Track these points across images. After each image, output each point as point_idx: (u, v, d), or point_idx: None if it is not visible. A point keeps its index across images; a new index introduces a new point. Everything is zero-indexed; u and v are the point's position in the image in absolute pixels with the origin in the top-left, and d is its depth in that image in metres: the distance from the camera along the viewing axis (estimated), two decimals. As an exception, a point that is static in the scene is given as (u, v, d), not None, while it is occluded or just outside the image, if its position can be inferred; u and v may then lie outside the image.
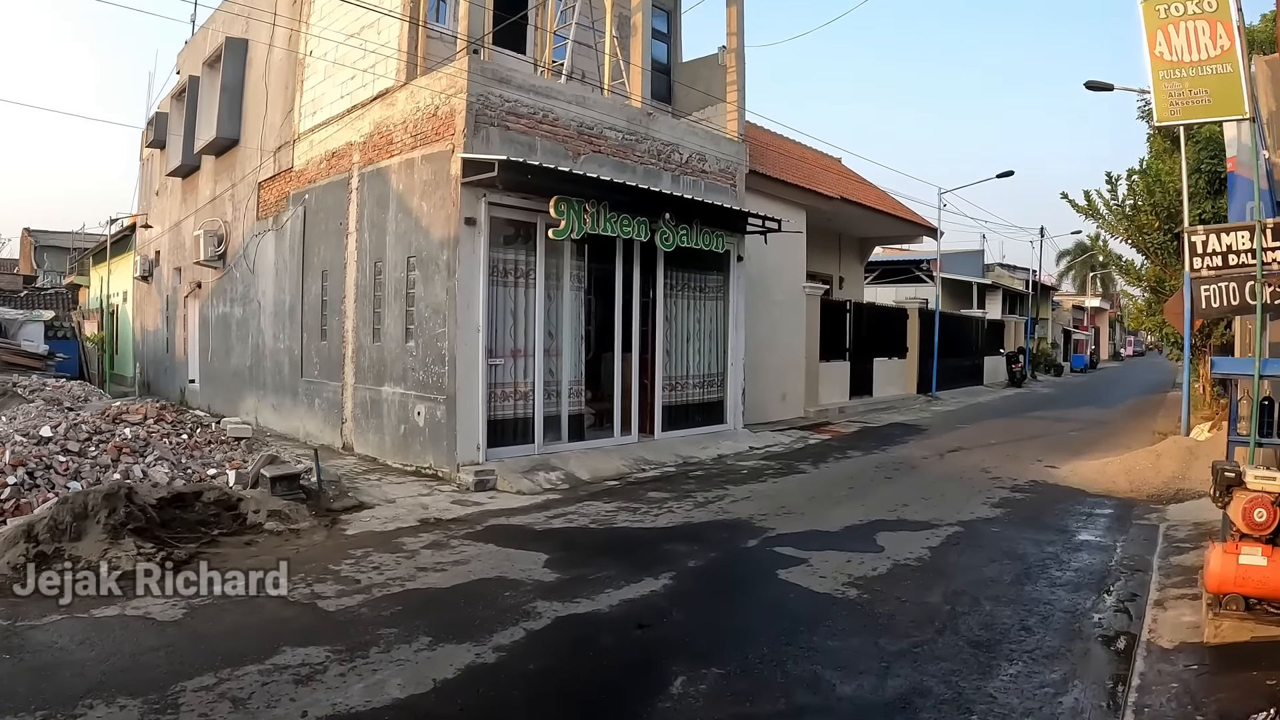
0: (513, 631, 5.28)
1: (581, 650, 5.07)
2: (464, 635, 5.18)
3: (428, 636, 5.16)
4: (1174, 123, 10.77)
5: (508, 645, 5.08)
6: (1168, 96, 10.09)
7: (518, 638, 5.20)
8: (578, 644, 5.15)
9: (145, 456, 9.39)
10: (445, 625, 5.36)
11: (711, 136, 13.87)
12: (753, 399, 15.50)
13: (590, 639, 5.22)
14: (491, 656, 4.91)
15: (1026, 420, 18.79)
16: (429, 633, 5.21)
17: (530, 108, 10.90)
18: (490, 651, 4.97)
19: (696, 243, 12.48)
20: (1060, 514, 9.09)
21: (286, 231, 14.50)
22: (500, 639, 5.16)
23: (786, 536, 7.74)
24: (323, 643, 5.03)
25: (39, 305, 25.43)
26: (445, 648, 5.01)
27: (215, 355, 17.78)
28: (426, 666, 4.74)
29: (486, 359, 10.55)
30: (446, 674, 4.65)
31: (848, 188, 20.40)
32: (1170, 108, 10.12)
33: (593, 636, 5.26)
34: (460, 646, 5.02)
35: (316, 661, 4.77)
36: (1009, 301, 40.82)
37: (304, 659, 4.80)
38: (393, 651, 4.93)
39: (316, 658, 4.82)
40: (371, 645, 5.01)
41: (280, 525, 7.97)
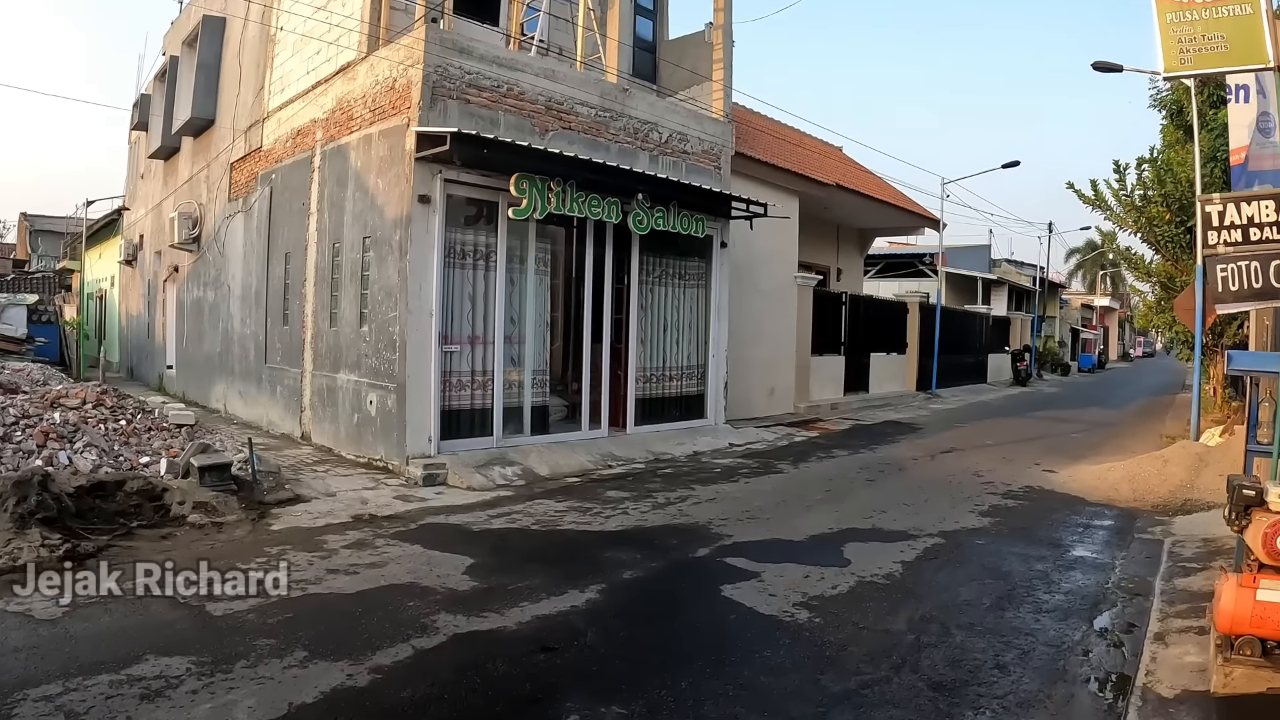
0: (399, 650, 4.67)
1: (469, 676, 4.40)
2: (344, 651, 4.59)
3: (305, 651, 4.59)
4: (1184, 73, 9.48)
5: (388, 666, 4.47)
6: (1177, 43, 8.93)
7: (403, 657, 4.58)
8: (467, 668, 4.48)
9: (74, 442, 8.87)
10: (329, 638, 4.77)
11: (694, 115, 13.18)
12: (738, 393, 14.84)
13: (483, 663, 4.55)
14: (365, 679, 4.30)
15: (1027, 420, 17.99)
16: (308, 646, 4.64)
17: (494, 80, 10.26)
18: (365, 673, 4.37)
19: (674, 226, 11.81)
20: (1054, 525, 8.27)
21: (255, 213, 13.95)
22: (382, 658, 4.55)
23: (743, 545, 7.01)
24: (190, 653, 4.50)
25: (25, 289, 25.10)
26: (318, 665, 4.43)
27: (190, 341, 17.29)
28: (289, 687, 4.16)
29: (441, 345, 9.93)
30: (306, 697, 4.06)
31: (845, 175, 19.67)
32: (1180, 55, 8.92)
33: (488, 660, 4.59)
34: (335, 665, 4.43)
35: (174, 674, 4.26)
36: (1015, 298, 39.78)
37: (162, 670, 4.29)
38: (260, 667, 4.37)
39: (176, 670, 4.30)
40: (241, 658, 4.46)
41: (204, 518, 7.43)
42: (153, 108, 19.25)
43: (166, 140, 18.10)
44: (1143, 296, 20.32)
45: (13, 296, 21.33)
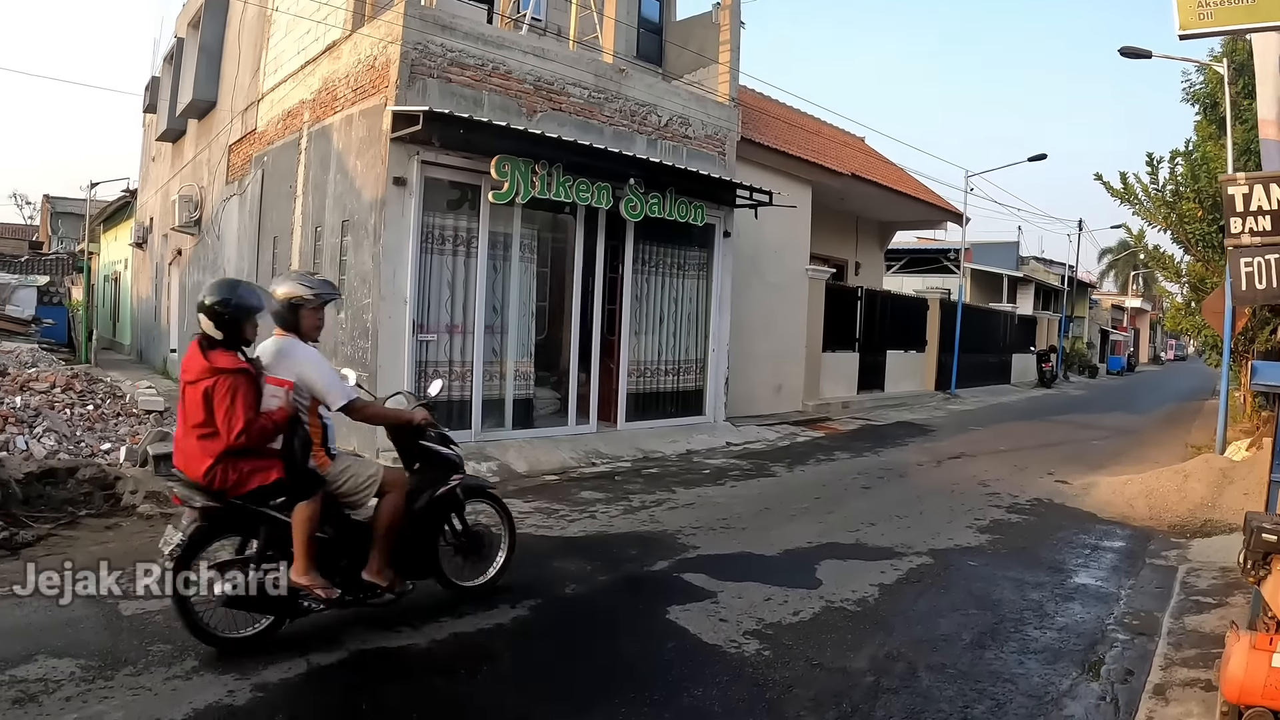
0: (293, 665, 4.24)
1: (356, 699, 3.97)
2: (235, 664, 4.19)
3: (196, 660, 4.22)
4: (1204, 30, 8.39)
5: (274, 683, 4.05)
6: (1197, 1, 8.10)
7: (294, 673, 4.17)
8: (358, 690, 4.05)
9: (34, 428, 8.62)
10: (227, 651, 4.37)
11: (697, 99, 12.65)
12: (742, 390, 14.32)
13: (377, 686, 4.11)
14: (245, 697, 3.90)
15: (1047, 425, 17.21)
16: (201, 655, 4.27)
17: (478, 59, 9.81)
18: (248, 690, 3.96)
19: (671, 213, 11.29)
20: (1059, 545, 7.50)
21: (247, 196, 13.67)
22: (273, 673, 4.13)
23: (707, 559, 6.44)
24: (83, 655, 4.22)
25: (38, 271, 25.15)
26: (203, 678, 4.06)
27: (190, 325, 17.01)
28: (163, 701, 3.80)
29: (416, 334, 9.53)
30: (175, 714, 3.69)
31: (864, 165, 18.99)
32: (1199, 10, 8.06)
33: (383, 682, 4.15)
34: (221, 678, 4.05)
35: (56, 678, 3.98)
36: (1043, 297, 38.60)
37: (47, 673, 4.02)
38: (143, 676, 4.04)
39: (60, 673, 4.02)
40: (129, 664, 4.14)
41: (154, 509, 7.11)
42: (161, 90, 19.12)
43: (172, 123, 17.93)
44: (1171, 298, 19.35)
45: (23, 278, 21.36)
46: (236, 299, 4.30)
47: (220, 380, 4.19)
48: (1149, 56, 13.68)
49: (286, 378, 4.45)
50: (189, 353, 4.38)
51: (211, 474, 4.23)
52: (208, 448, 4.23)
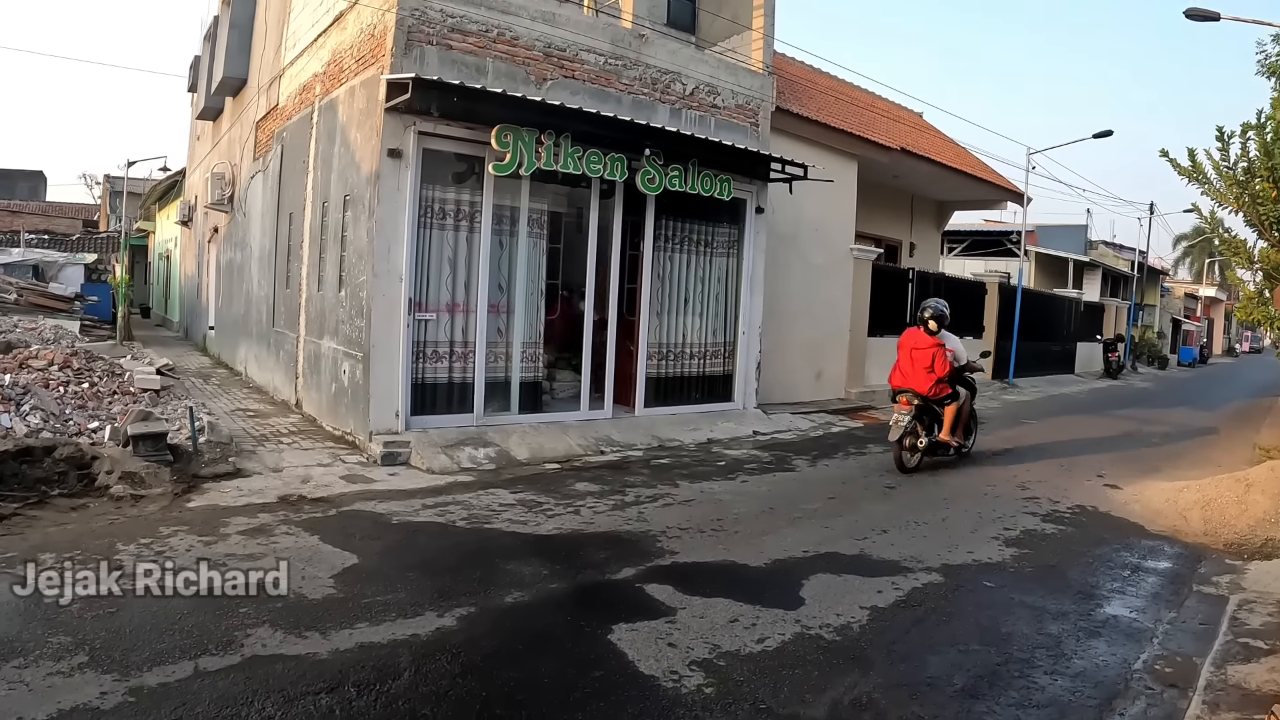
0: (179, 669, 3.90)
1: (223, 713, 3.53)
2: (125, 663, 3.93)
3: (86, 656, 3.97)
4: None
5: (151, 688, 3.72)
6: None
7: (175, 679, 3.81)
8: (230, 703, 3.60)
9: (21, 405, 8.41)
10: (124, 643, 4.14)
11: (727, 66, 11.92)
12: (778, 375, 13.64)
13: (254, 700, 3.63)
14: (115, 700, 3.60)
15: (1107, 419, 15.99)
16: (95, 651, 4.03)
17: (480, 24, 9.27)
18: (122, 694, 3.66)
19: (693, 186, 10.62)
20: (1094, 564, 6.50)
21: (270, 172, 13.41)
22: (155, 676, 3.82)
23: (680, 568, 5.79)
24: None
25: (89, 249, 25.56)
26: (83, 676, 3.80)
27: (224, 302, 17.05)
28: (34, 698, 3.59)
29: (412, 312, 9.07)
30: (39, 714, 3.43)
31: (916, 140, 17.98)
32: None
33: (262, 697, 3.67)
34: (101, 678, 3.78)
35: None
36: (1111, 284, 36.76)
37: None
38: (29, 669, 3.83)
39: None
40: (21, 655, 3.96)
41: (127, 490, 6.91)
42: (200, 69, 19.02)
43: (210, 101, 17.86)
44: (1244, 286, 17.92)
45: (72, 256, 21.62)
46: (942, 311, 9.67)
47: (939, 349, 9.52)
48: (1217, 19, 12.50)
49: (952, 348, 9.69)
50: (915, 332, 9.72)
51: (929, 390, 9.46)
52: (928, 379, 9.45)
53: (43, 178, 49.85)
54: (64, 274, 20.22)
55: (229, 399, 12.14)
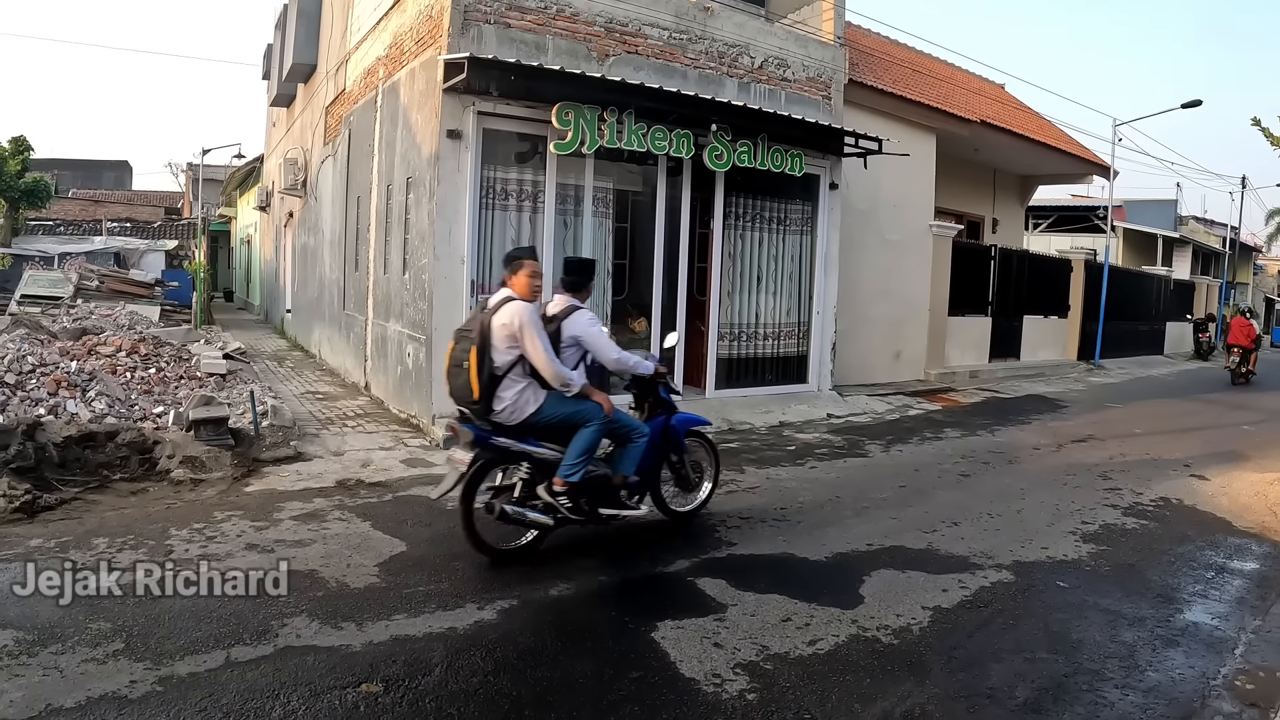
0: (212, 658, 3.87)
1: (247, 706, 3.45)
2: (160, 651, 3.91)
3: (122, 644, 3.98)
4: None
5: (181, 678, 3.68)
6: None
7: (206, 668, 3.78)
8: (255, 696, 3.52)
9: (87, 392, 8.57)
10: (160, 632, 4.11)
11: (797, 38, 11.51)
12: (855, 356, 13.24)
13: (280, 694, 3.54)
14: (144, 689, 3.59)
15: (1196, 403, 15.19)
16: (131, 639, 4.03)
17: (540, 1, 9.08)
18: (151, 682, 3.64)
19: (763, 162, 10.29)
20: (1176, 564, 6.03)
21: (338, 156, 13.48)
22: (187, 665, 3.80)
23: (737, 560, 5.53)
24: (26, 628, 4.07)
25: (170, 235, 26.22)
26: (118, 663, 3.80)
27: (299, 285, 17.30)
28: (66, 685, 3.59)
29: (475, 294, 8.94)
30: (67, 702, 3.45)
31: (997, 113, 17.22)
32: None
33: (289, 690, 3.57)
34: (135, 665, 3.78)
35: None
36: (1202, 261, 35.06)
37: None
38: (65, 655, 3.84)
39: None
40: (59, 641, 3.98)
41: (187, 474, 6.97)
42: (273, 56, 19.27)
43: (282, 88, 18.09)
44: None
45: (153, 243, 22.21)
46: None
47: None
48: None
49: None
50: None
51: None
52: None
53: (128, 167, 51.53)
54: (145, 260, 20.78)
55: (301, 381, 12.27)
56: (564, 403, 5.22)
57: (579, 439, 5.20)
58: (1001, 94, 20.04)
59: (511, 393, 5.08)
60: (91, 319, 12.85)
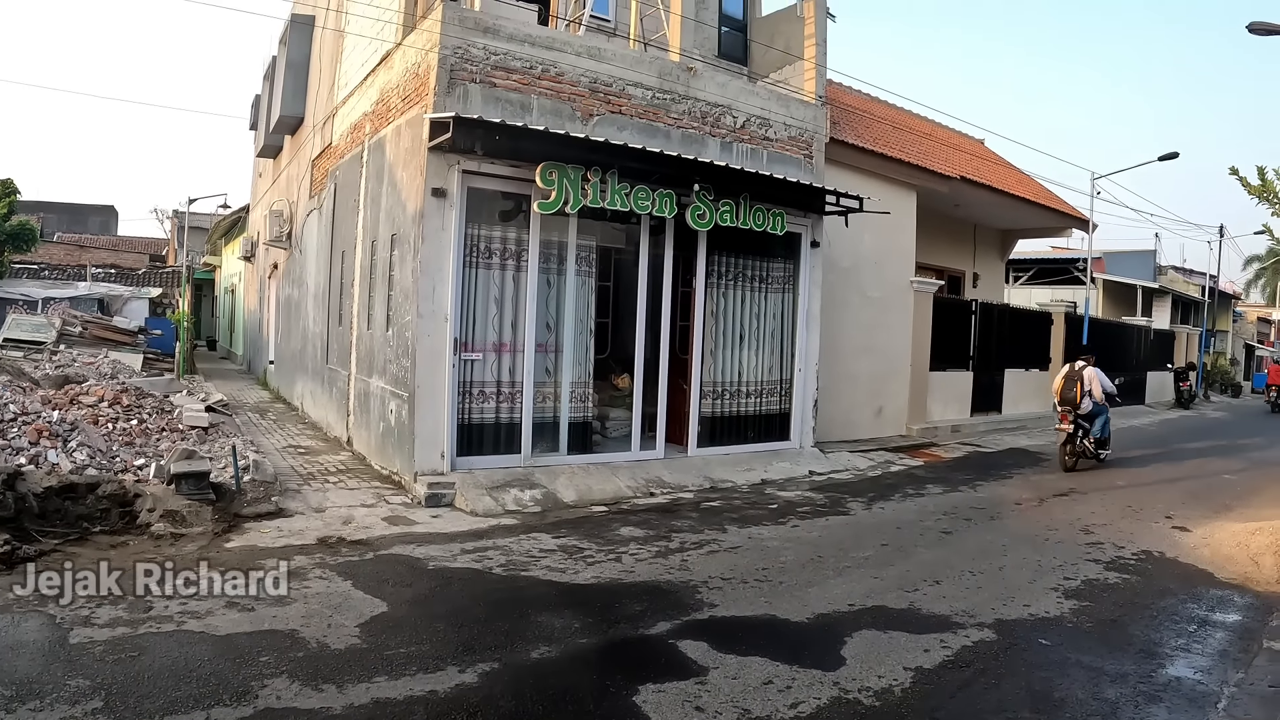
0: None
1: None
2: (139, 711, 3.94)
3: (101, 702, 3.98)
4: None
5: None
6: None
7: None
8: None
9: (69, 442, 8.53)
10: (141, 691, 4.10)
11: (779, 98, 11.71)
12: (837, 413, 13.28)
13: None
14: None
15: (1179, 453, 15.34)
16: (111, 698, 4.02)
17: (525, 61, 9.22)
18: None
19: (745, 221, 10.38)
20: (1159, 618, 6.09)
21: (324, 210, 13.56)
22: None
23: (719, 623, 5.51)
24: (4, 682, 4.10)
25: (154, 283, 26.20)
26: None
27: (283, 337, 17.26)
28: None
29: (458, 353, 8.98)
30: None
31: (976, 168, 17.51)
32: None
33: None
34: None
35: None
36: (1181, 310, 35.55)
37: None
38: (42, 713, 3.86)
39: None
40: (38, 698, 4.01)
41: (167, 528, 6.94)
42: (261, 107, 19.44)
43: (269, 139, 18.20)
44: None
45: (137, 290, 22.18)
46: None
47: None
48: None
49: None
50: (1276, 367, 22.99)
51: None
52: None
53: (114, 212, 51.63)
54: (129, 307, 20.76)
55: (283, 435, 12.21)
56: (1097, 405, 12.47)
57: (1100, 420, 12.75)
58: (981, 149, 20.38)
59: (1087, 401, 12.35)
60: (74, 366, 12.82)
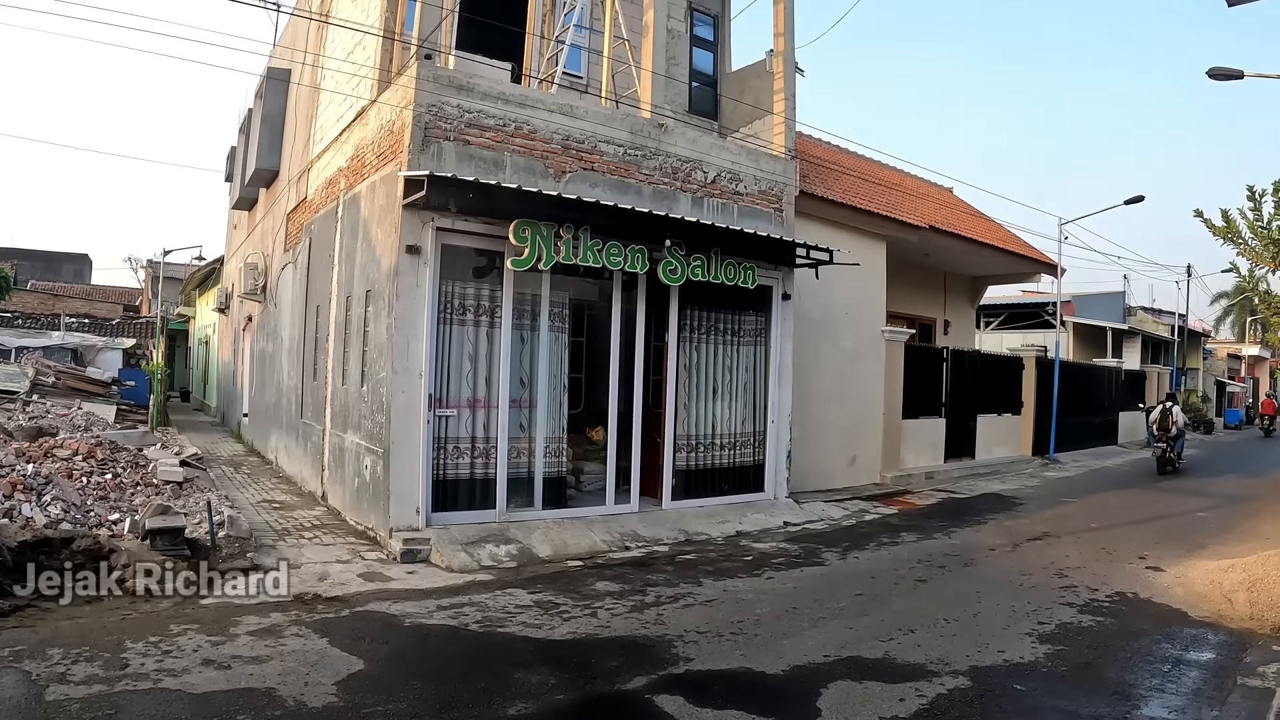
0: None
1: None
2: None
3: None
4: None
5: None
6: None
7: None
8: None
9: (43, 495, 8.48)
10: None
11: (749, 152, 11.93)
12: (812, 462, 13.35)
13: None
14: None
15: (1150, 493, 15.54)
16: None
17: (498, 119, 9.37)
18: None
19: (716, 276, 10.51)
20: (1133, 659, 6.20)
21: (299, 264, 13.60)
22: None
23: (694, 677, 5.51)
24: None
25: (128, 334, 26.09)
26: None
27: (257, 390, 17.20)
28: None
29: (433, 409, 9.01)
30: None
31: (945, 217, 17.83)
32: None
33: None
34: None
35: None
36: (1152, 350, 36.17)
37: None
38: None
39: None
40: None
41: (143, 584, 6.90)
42: (236, 160, 19.54)
43: (244, 191, 18.28)
44: (1280, 347, 17.76)
45: (111, 340, 22.10)
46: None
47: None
48: (1240, 77, 12.21)
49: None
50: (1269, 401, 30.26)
51: None
52: None
53: (88, 261, 51.40)
54: (102, 358, 20.69)
55: (257, 489, 12.14)
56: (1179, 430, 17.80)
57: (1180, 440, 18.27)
58: (950, 198, 20.76)
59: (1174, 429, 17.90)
60: (48, 418, 12.74)
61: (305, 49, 13.90)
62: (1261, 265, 12.95)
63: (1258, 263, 12.95)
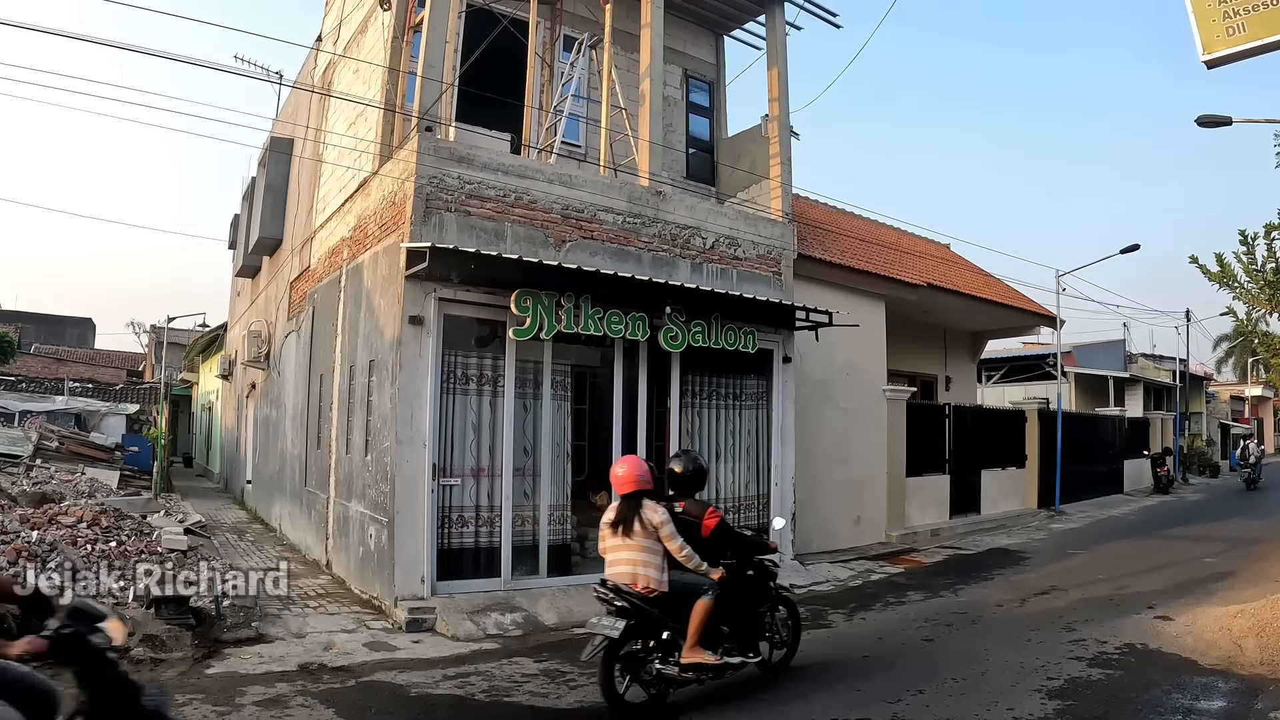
0: None
1: None
2: None
3: None
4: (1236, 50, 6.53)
5: None
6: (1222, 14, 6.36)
7: None
8: None
9: (48, 563, 8.47)
10: None
11: (746, 217, 12.11)
12: (815, 523, 13.31)
13: None
14: None
15: (1158, 541, 15.46)
16: None
17: (499, 189, 9.55)
18: None
19: (717, 341, 10.60)
20: (1143, 711, 6.13)
21: (302, 333, 13.73)
22: None
23: None
24: None
25: (132, 399, 26.23)
26: None
27: (261, 457, 17.21)
28: None
29: (437, 478, 9.04)
30: None
31: (943, 274, 18.00)
32: (1226, 26, 6.36)
33: None
34: None
35: None
36: (1154, 396, 36.30)
37: None
38: None
39: None
40: None
41: (147, 653, 6.93)
42: (240, 227, 19.80)
43: (248, 259, 18.50)
44: (1280, 388, 17.70)
45: (114, 405, 22.21)
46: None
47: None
48: (1229, 123, 12.39)
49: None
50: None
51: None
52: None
53: (91, 325, 51.74)
54: (106, 423, 20.80)
55: (261, 557, 12.11)
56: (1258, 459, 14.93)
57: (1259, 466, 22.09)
58: (947, 254, 20.96)
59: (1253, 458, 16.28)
60: (52, 484, 12.78)
61: (308, 122, 14.21)
62: (1258, 308, 13.04)
63: (1254, 305, 13.05)
